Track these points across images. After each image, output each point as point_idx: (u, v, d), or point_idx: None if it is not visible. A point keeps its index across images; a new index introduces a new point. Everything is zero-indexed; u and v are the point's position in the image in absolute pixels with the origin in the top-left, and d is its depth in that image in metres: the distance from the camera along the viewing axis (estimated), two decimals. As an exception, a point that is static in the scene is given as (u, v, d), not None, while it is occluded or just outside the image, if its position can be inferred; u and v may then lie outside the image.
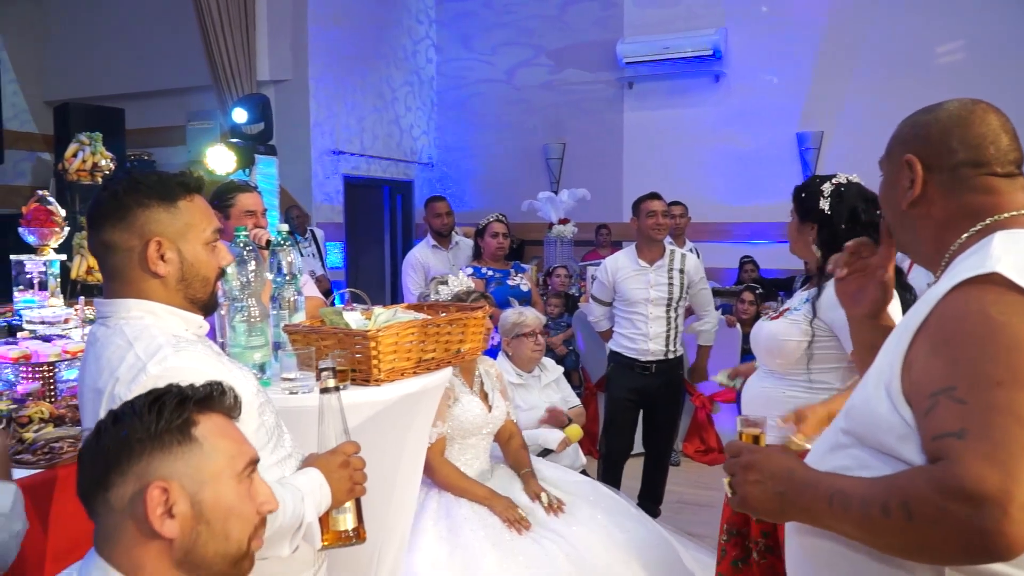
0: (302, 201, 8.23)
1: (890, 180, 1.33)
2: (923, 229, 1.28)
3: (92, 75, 8.59)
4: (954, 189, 1.23)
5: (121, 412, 1.12)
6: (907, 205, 1.27)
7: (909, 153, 1.26)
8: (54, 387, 2.82)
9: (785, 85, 8.43)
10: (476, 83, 9.98)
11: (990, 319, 1.05)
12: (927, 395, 1.07)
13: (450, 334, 2.32)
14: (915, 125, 1.30)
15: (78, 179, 4.93)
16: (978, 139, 1.23)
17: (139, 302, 1.53)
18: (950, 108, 1.27)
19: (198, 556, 1.10)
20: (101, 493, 1.09)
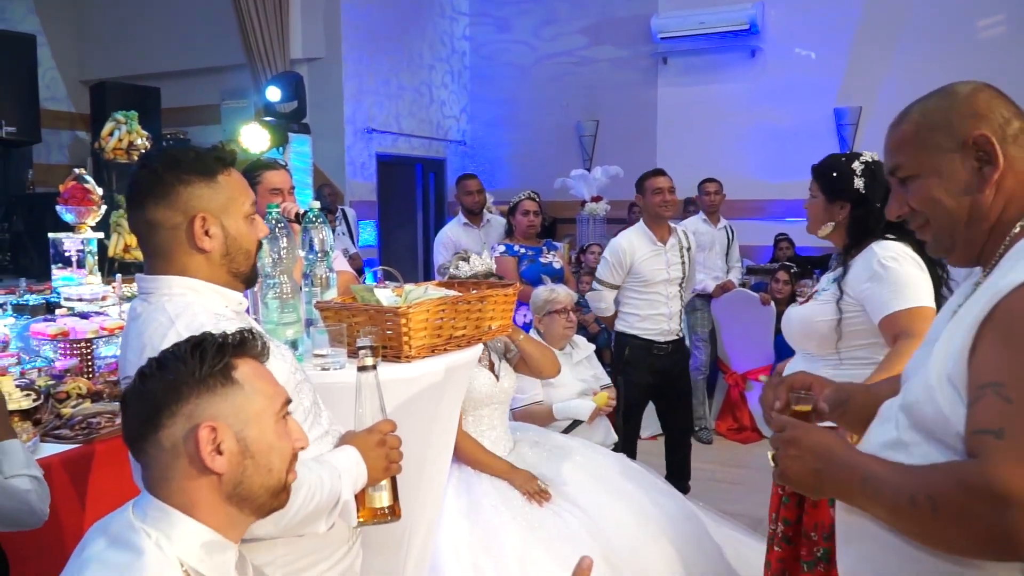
0: (335, 179, 8.26)
1: (946, 169, 1.22)
2: (988, 215, 1.20)
3: (128, 55, 8.66)
4: (1020, 158, 1.19)
5: (164, 358, 1.18)
6: (990, 188, 1.19)
7: (972, 131, 1.19)
8: (92, 363, 2.86)
9: (823, 60, 8.25)
10: (509, 60, 9.91)
11: None
12: (977, 385, 1.05)
13: (480, 311, 2.31)
14: (951, 108, 1.23)
15: (115, 158, 4.99)
16: (1014, 106, 1.21)
17: (181, 279, 1.53)
18: (971, 89, 1.24)
19: (245, 489, 1.18)
20: (152, 434, 1.15)
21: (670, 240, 4.22)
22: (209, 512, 1.16)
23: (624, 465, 3.12)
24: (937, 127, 1.22)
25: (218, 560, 1.15)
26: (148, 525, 1.13)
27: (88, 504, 2.23)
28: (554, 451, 3.02)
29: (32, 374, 2.67)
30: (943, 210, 1.23)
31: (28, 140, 6.90)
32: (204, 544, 1.14)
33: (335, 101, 8.16)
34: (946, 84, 1.26)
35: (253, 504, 1.20)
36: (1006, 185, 1.18)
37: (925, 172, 1.24)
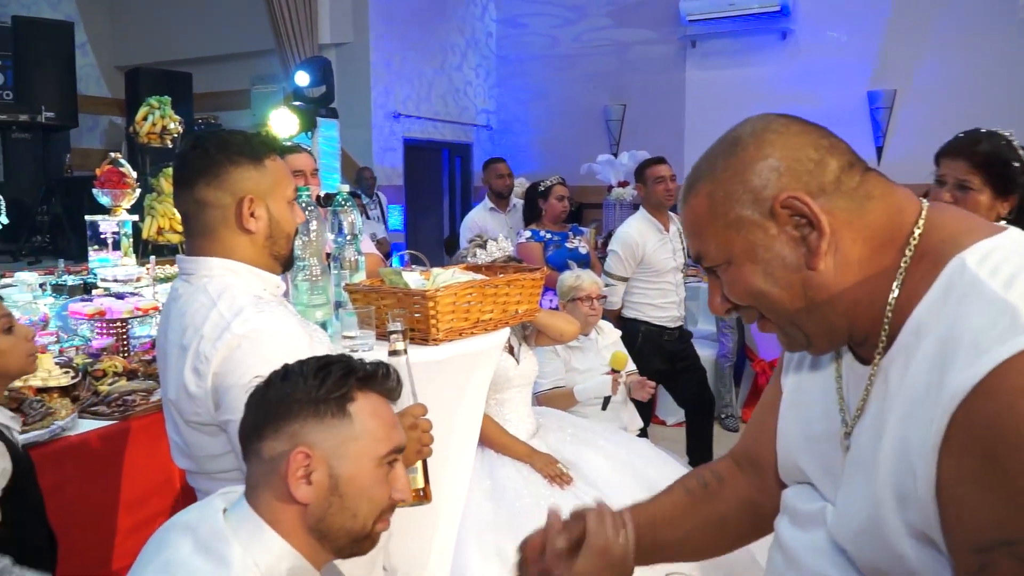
0: (362, 164, 8.31)
1: (755, 253, 0.90)
2: (842, 293, 0.89)
3: (161, 41, 8.77)
4: (853, 207, 0.88)
5: (291, 370, 1.16)
6: (820, 260, 0.87)
7: (777, 196, 0.87)
8: (127, 342, 2.93)
9: (855, 42, 8.13)
10: (536, 44, 9.88)
11: None
12: (972, 548, 0.75)
13: (507, 295, 2.34)
14: (733, 173, 0.90)
15: (148, 142, 5.07)
16: (823, 139, 0.91)
17: (222, 260, 1.56)
18: (751, 132, 0.91)
19: (326, 526, 1.13)
20: (255, 442, 1.14)
21: (672, 228, 4.29)
22: (292, 535, 1.12)
23: (648, 450, 3.13)
24: (735, 197, 0.89)
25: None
26: (240, 537, 1.10)
27: (124, 479, 2.30)
28: (577, 435, 3.04)
29: (70, 352, 2.74)
30: (772, 301, 0.91)
31: (66, 125, 7.02)
32: (291, 569, 1.11)
33: (363, 86, 8.20)
34: (731, 129, 0.95)
35: (333, 544, 1.15)
36: (844, 246, 0.88)
37: (737, 258, 0.91)
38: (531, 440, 2.94)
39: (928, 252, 0.86)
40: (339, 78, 7.62)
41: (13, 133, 6.30)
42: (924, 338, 0.82)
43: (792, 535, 1.01)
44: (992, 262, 0.80)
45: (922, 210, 0.90)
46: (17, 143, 6.33)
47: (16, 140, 6.32)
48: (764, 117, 0.93)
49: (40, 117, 6.36)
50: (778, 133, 0.90)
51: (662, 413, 5.30)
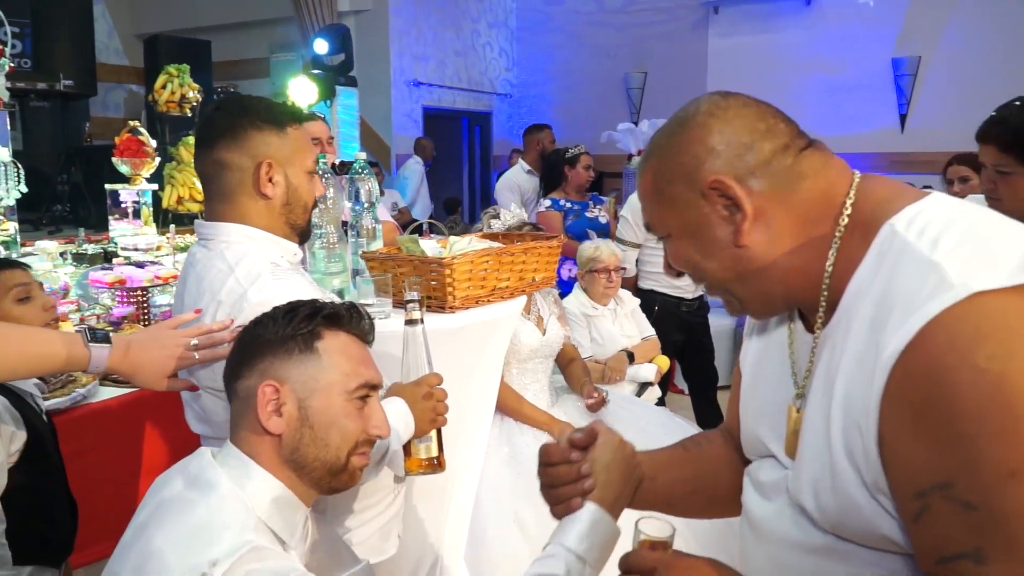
0: (381, 132, 8.28)
1: (695, 224, 0.96)
2: (774, 263, 0.94)
3: (180, 8, 8.74)
4: (783, 186, 0.93)
5: (263, 316, 1.24)
6: (745, 236, 0.93)
7: (706, 178, 0.93)
8: (147, 310, 2.95)
9: (881, 7, 7.96)
10: (556, 11, 9.76)
11: (983, 373, 0.73)
12: (913, 494, 0.79)
13: (524, 263, 2.32)
14: (678, 150, 0.96)
15: (167, 110, 5.07)
16: (761, 121, 0.95)
17: (241, 227, 1.56)
18: (698, 110, 0.97)
19: (300, 456, 1.19)
20: (233, 382, 1.22)
21: None
22: (271, 468, 1.18)
23: (666, 419, 3.13)
24: (674, 176, 0.96)
25: (288, 518, 1.17)
26: (226, 470, 1.16)
27: (144, 445, 2.32)
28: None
29: (91, 320, 2.76)
30: (706, 272, 0.99)
31: (85, 93, 7.03)
32: (275, 499, 1.15)
33: (382, 54, 8.15)
34: (683, 106, 1.00)
35: (310, 476, 1.20)
36: (775, 222, 0.93)
37: (675, 232, 0.99)
38: (550, 410, 2.94)
39: (860, 222, 0.90)
40: (358, 46, 7.58)
41: (32, 101, 6.31)
42: (861, 302, 0.86)
43: (757, 504, 1.06)
44: (918, 225, 0.84)
45: (853, 182, 0.94)
46: (36, 111, 6.35)
47: (35, 108, 6.33)
48: (711, 98, 0.98)
49: (59, 85, 6.37)
50: (717, 117, 0.95)
51: (680, 382, 5.29)
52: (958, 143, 6.12)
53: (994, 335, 0.74)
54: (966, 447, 0.74)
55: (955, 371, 0.74)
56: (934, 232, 0.82)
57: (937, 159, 4.71)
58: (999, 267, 0.77)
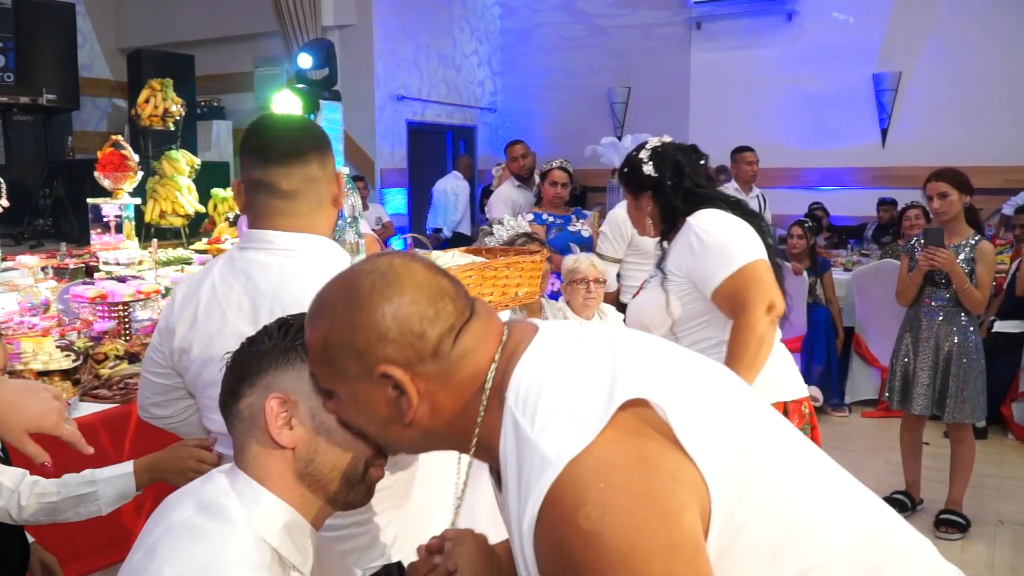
0: (365, 147, 8.29)
1: (356, 400, 1.01)
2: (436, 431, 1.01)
3: (163, 22, 8.73)
4: (449, 371, 0.97)
5: (257, 334, 1.19)
6: (409, 417, 0.98)
7: (377, 364, 0.96)
8: (129, 325, 2.94)
9: (861, 23, 8.08)
10: (540, 26, 9.83)
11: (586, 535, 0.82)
12: None
13: (507, 278, 2.33)
14: (356, 327, 0.97)
15: (150, 124, 5.06)
16: (431, 301, 0.97)
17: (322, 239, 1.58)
18: (372, 286, 0.98)
19: (316, 468, 1.14)
20: (233, 404, 1.16)
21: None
22: (283, 487, 1.13)
23: None
24: (345, 351, 0.98)
25: (300, 543, 1.14)
26: (236, 495, 1.12)
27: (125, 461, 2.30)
28: None
29: (72, 335, 2.74)
30: (372, 434, 1.06)
31: (68, 107, 7.01)
32: (286, 524, 1.12)
33: (366, 68, 8.17)
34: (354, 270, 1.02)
35: (326, 490, 1.15)
36: (438, 400, 0.98)
37: (342, 395, 1.03)
38: None
39: (496, 389, 0.97)
40: (342, 60, 7.59)
41: (14, 115, 6.29)
42: (509, 473, 0.92)
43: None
44: (522, 397, 0.92)
45: (500, 345, 0.99)
46: (18, 125, 6.32)
47: (17, 122, 6.31)
48: (386, 274, 0.98)
49: (42, 99, 6.35)
50: (392, 301, 0.96)
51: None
52: (939, 158, 6.20)
53: (588, 496, 0.81)
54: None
55: (567, 539, 0.82)
56: (532, 405, 0.90)
57: (918, 173, 4.77)
58: (581, 428, 0.84)
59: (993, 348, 4.56)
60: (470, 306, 1.01)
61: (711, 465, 0.86)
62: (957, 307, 3.61)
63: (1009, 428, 4.96)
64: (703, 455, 0.86)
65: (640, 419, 0.86)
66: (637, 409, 0.86)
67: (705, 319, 2.36)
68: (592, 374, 0.91)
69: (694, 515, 0.84)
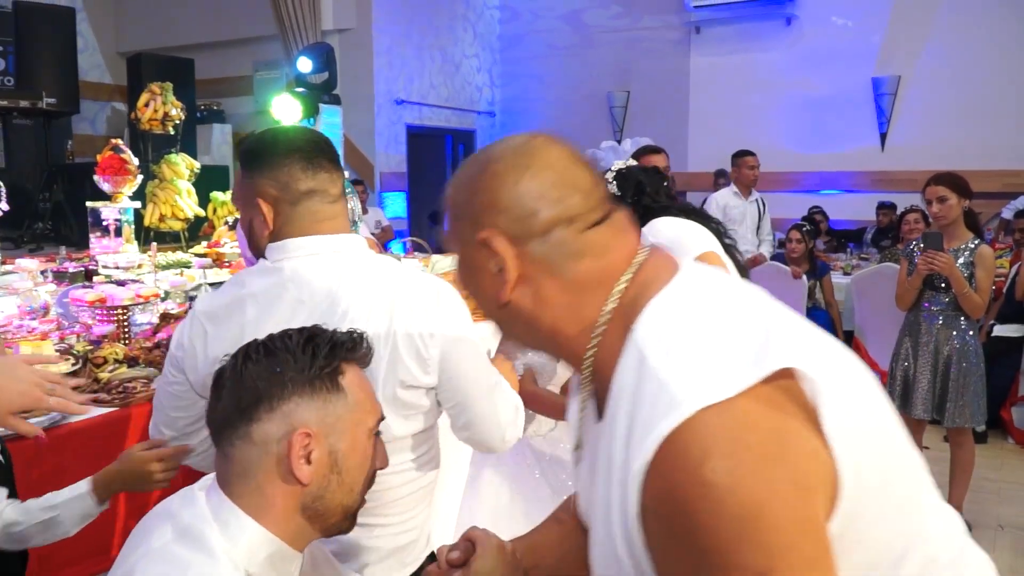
0: (365, 150, 8.29)
1: (469, 266, 0.98)
2: (538, 323, 0.94)
3: (163, 26, 8.74)
4: (557, 259, 0.91)
5: (274, 346, 1.11)
6: (506, 295, 0.93)
7: (483, 229, 0.93)
8: (128, 329, 2.93)
9: (860, 27, 8.09)
10: (539, 30, 9.84)
11: (712, 488, 0.74)
12: None
13: (507, 282, 2.33)
14: (476, 190, 0.95)
15: (150, 128, 5.06)
16: (556, 187, 0.92)
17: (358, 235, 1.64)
18: (505, 154, 0.96)
19: (323, 504, 1.10)
20: (243, 425, 1.08)
21: None
22: (281, 520, 1.09)
23: None
24: (462, 213, 0.97)
25: (282, 570, 1.10)
26: (219, 524, 1.07)
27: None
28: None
29: (71, 339, 2.74)
30: (477, 301, 1.00)
31: (67, 111, 7.02)
32: (270, 555, 1.08)
33: (365, 72, 8.18)
34: (496, 142, 1.00)
35: (325, 522, 1.12)
36: (542, 289, 0.92)
37: (460, 259, 1.00)
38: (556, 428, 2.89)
39: (623, 312, 0.89)
40: (342, 64, 7.60)
41: (14, 119, 6.30)
42: (621, 408, 0.85)
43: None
44: (656, 331, 0.84)
45: (633, 263, 0.92)
46: (18, 129, 6.33)
47: (17, 126, 6.32)
48: (523, 146, 0.95)
49: (41, 103, 6.36)
50: (516, 171, 0.93)
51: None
52: (938, 161, 6.21)
53: (717, 448, 0.75)
54: (716, 558, 0.74)
55: (686, 488, 0.75)
56: (667, 345, 0.82)
57: (918, 177, 4.77)
58: (722, 380, 0.77)
59: (993, 352, 4.56)
60: (604, 210, 0.94)
61: (848, 464, 0.79)
62: (956, 311, 3.60)
63: (1009, 432, 4.96)
64: (844, 451, 0.79)
65: (786, 393, 0.79)
66: (785, 381, 0.79)
67: None
68: (742, 328, 0.83)
69: (824, 501, 0.78)
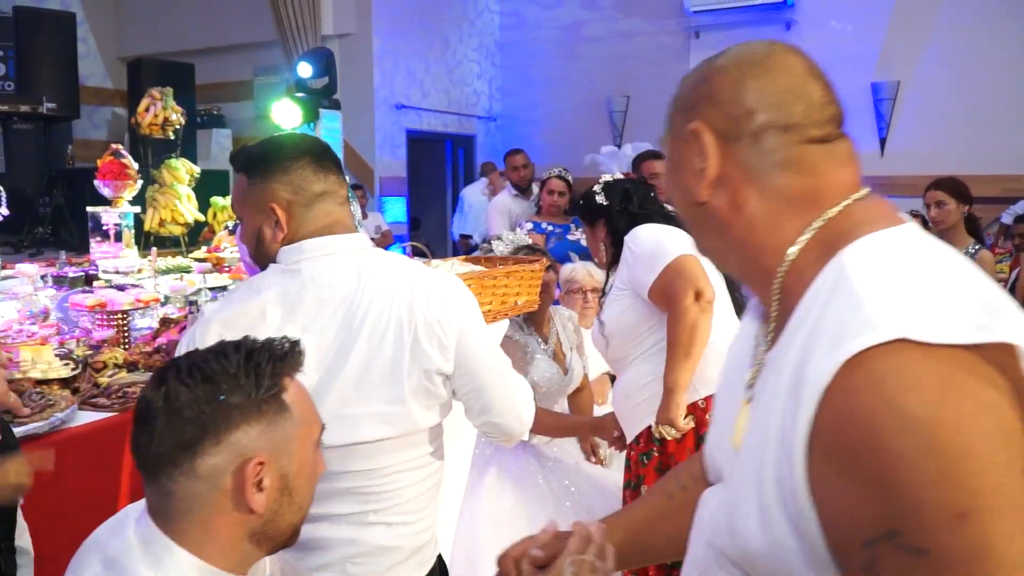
0: (365, 155, 8.30)
1: (674, 160, 0.96)
2: (729, 232, 0.91)
3: (163, 31, 8.75)
4: (762, 168, 0.88)
5: (211, 369, 1.01)
6: (704, 193, 0.90)
7: (694, 120, 0.91)
8: (128, 334, 2.93)
9: (859, 32, 8.09)
10: (539, 35, 9.85)
11: (914, 420, 0.69)
12: (859, 545, 0.73)
13: (507, 286, 2.34)
14: (699, 81, 0.93)
15: (150, 133, 5.05)
16: (780, 92, 0.88)
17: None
18: (738, 53, 0.92)
19: (273, 527, 1.05)
20: (187, 461, 0.99)
21: None
22: (225, 550, 1.02)
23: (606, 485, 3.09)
24: (680, 104, 0.97)
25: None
26: (150, 558, 1.00)
27: (124, 471, 2.30)
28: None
29: (71, 344, 2.74)
30: (675, 199, 0.99)
31: (68, 116, 7.03)
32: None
33: (365, 77, 8.19)
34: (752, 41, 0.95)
35: (273, 543, 1.07)
36: (746, 201, 0.89)
37: (671, 154, 0.99)
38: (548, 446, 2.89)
39: (827, 238, 0.85)
40: (342, 69, 7.61)
41: (15, 124, 6.30)
42: (802, 327, 0.81)
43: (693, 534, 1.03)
44: (869, 258, 0.80)
45: (848, 200, 0.88)
46: (19, 134, 6.34)
47: (18, 131, 6.32)
48: (760, 50, 0.92)
49: (42, 108, 6.36)
50: (746, 67, 0.90)
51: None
52: (938, 167, 6.20)
53: (924, 381, 0.70)
54: (909, 495, 0.69)
55: (884, 417, 0.70)
56: (879, 269, 0.79)
57: (918, 183, 4.77)
58: (938, 322, 0.72)
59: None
60: (828, 132, 0.91)
61: None
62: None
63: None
64: None
65: (1000, 369, 0.71)
66: (1002, 357, 0.72)
67: (649, 325, 2.39)
68: (963, 286, 0.77)
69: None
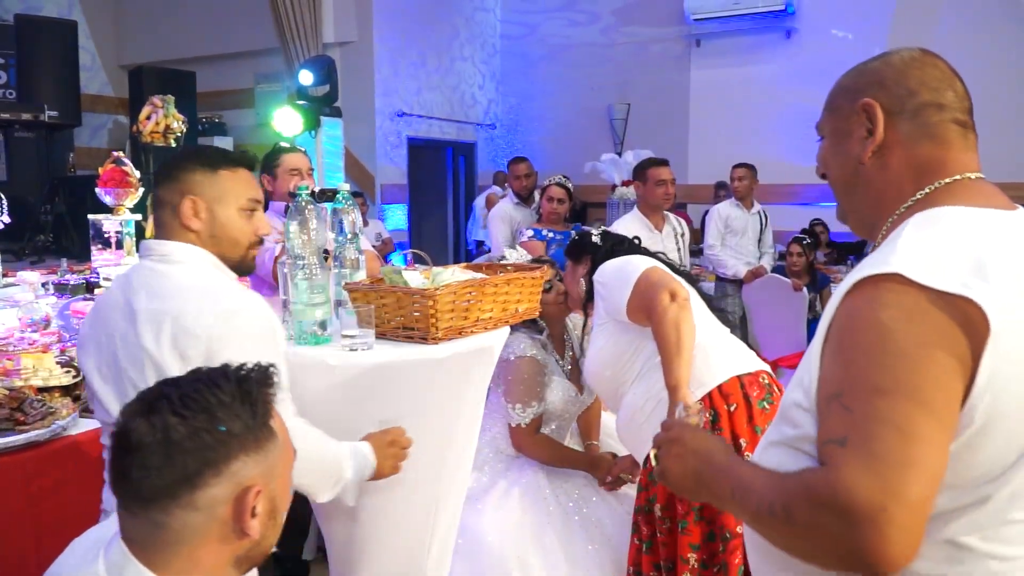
0: (366, 162, 8.31)
1: (841, 132, 1.20)
2: (871, 188, 1.17)
3: (165, 40, 8.78)
4: (914, 137, 1.13)
5: (207, 401, 1.00)
6: (870, 155, 1.15)
7: (865, 97, 1.15)
8: (129, 341, 2.93)
9: (860, 40, 8.10)
10: (540, 43, 9.87)
11: (879, 325, 0.98)
12: (823, 399, 1.04)
13: (508, 294, 2.33)
14: (862, 73, 1.19)
15: (152, 141, 5.06)
16: (936, 81, 1.14)
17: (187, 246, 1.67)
18: (899, 54, 1.18)
19: (257, 551, 1.05)
20: (186, 494, 0.98)
21: (665, 228, 4.33)
22: (215, 572, 1.02)
23: None
24: (844, 89, 1.20)
25: None
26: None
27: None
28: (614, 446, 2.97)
29: (72, 351, 2.74)
30: (832, 175, 1.24)
31: (69, 124, 7.05)
32: None
33: (366, 85, 8.21)
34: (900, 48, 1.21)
35: (251, 564, 1.07)
36: (892, 163, 1.14)
37: (827, 134, 1.24)
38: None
39: (926, 202, 1.11)
40: (343, 77, 7.63)
41: (16, 132, 6.32)
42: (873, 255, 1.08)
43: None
44: (923, 222, 1.07)
45: (951, 178, 1.12)
46: (20, 142, 6.35)
47: (19, 139, 6.34)
48: (912, 52, 1.17)
49: (43, 116, 6.38)
50: (909, 61, 1.15)
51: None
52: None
53: (897, 301, 0.97)
54: (854, 369, 0.99)
55: (861, 317, 1.00)
56: (922, 231, 1.05)
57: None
58: (928, 268, 0.98)
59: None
60: (967, 120, 1.15)
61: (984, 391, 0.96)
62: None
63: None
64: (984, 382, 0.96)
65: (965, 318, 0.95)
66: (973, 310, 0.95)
67: (634, 348, 2.40)
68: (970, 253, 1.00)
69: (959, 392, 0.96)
